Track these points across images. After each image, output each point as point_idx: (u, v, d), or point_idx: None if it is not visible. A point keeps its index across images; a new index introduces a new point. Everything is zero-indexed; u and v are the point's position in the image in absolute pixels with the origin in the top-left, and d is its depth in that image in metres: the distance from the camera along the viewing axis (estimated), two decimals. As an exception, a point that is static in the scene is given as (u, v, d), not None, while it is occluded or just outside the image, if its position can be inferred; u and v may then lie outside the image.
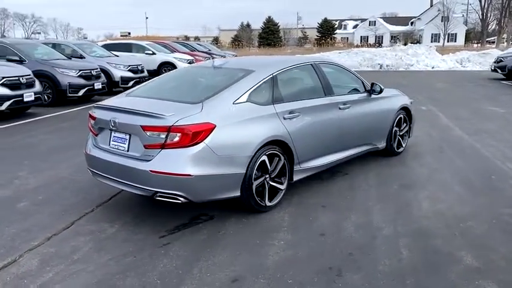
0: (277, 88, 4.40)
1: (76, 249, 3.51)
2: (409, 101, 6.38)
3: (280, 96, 4.38)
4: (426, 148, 6.68)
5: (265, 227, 3.89)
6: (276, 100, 4.31)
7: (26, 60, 10.75)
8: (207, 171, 3.66)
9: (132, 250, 3.49)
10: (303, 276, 3.08)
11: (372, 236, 3.71)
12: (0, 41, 11.17)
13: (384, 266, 3.22)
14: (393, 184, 5.02)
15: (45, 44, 12.77)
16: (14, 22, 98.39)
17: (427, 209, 4.29)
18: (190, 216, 4.11)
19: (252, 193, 4.01)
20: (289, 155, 4.38)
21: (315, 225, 3.94)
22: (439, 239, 3.64)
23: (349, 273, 3.12)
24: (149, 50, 17.32)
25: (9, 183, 5.12)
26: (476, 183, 5.06)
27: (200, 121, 3.65)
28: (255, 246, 3.54)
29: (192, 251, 3.48)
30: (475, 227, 3.87)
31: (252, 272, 3.14)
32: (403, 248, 3.49)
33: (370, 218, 4.06)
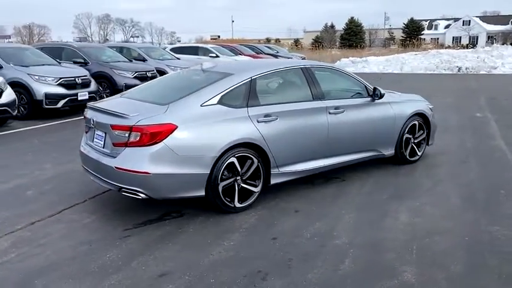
0: (255, 91, 4.45)
1: (47, 235, 3.87)
2: (427, 107, 6.04)
3: (256, 100, 4.43)
4: (449, 157, 6.27)
5: (225, 228, 3.98)
6: (251, 103, 4.37)
7: (89, 62, 11.76)
8: (166, 170, 3.84)
9: (93, 239, 3.78)
10: (228, 277, 3.14)
11: (322, 244, 3.64)
12: (70, 45, 12.35)
13: (315, 274, 3.17)
14: (385, 193, 4.83)
15: (112, 48, 13.83)
16: (114, 27, 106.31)
17: (401, 221, 4.09)
18: (162, 213, 4.31)
19: (218, 194, 4.12)
20: (265, 158, 4.41)
21: (275, 229, 3.95)
22: (391, 252, 3.48)
23: (275, 278, 3.12)
24: (213, 53, 17.95)
25: (31, 173, 5.71)
26: (479, 197, 4.69)
27: (160, 122, 3.84)
28: (204, 245, 3.65)
29: (144, 245, 3.67)
30: (440, 243, 3.63)
31: (183, 269, 3.26)
32: (348, 258, 3.40)
33: (333, 227, 3.97)
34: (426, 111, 5.97)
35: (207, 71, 4.79)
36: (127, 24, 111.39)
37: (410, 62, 24.66)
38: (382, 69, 24.27)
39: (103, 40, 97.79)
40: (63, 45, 12.96)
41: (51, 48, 12.50)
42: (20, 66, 9.63)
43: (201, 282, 3.08)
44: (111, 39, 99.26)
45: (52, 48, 12.50)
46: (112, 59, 12.61)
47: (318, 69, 5.15)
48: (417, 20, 68.51)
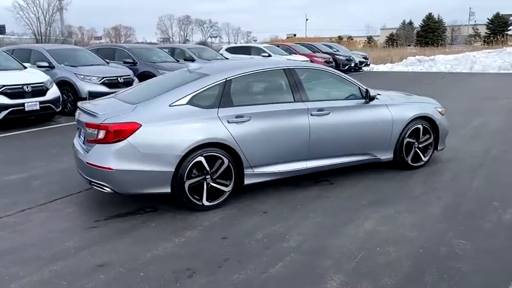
0: (228, 92, 4.52)
1: (27, 222, 4.24)
2: (434, 110, 5.70)
3: (229, 100, 4.50)
4: (460, 165, 5.88)
5: (186, 225, 4.10)
6: (223, 104, 4.44)
7: (137, 63, 12.45)
8: (129, 167, 4.04)
9: (62, 228, 4.08)
10: (157, 273, 3.26)
11: (268, 246, 3.64)
12: (122, 46, 13.16)
13: (240, 275, 3.19)
14: (366, 199, 4.67)
15: (164, 49, 14.50)
16: (193, 28, 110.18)
17: (364, 228, 3.95)
18: (137, 207, 4.53)
19: (185, 191, 4.25)
20: (237, 158, 4.47)
21: (231, 229, 4.00)
22: (330, 260, 3.39)
23: (200, 276, 3.19)
24: (265, 53, 18.10)
25: (47, 164, 6.23)
26: (464, 208, 4.39)
27: (124, 120, 4.05)
28: (155, 240, 3.80)
29: (103, 236, 3.91)
30: (390, 254, 3.48)
31: (122, 261, 3.43)
32: (282, 262, 3.37)
33: (291, 230, 3.94)
34: (433, 115, 5.65)
35: (192, 72, 4.94)
36: (205, 25, 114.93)
37: (482, 61, 23.02)
38: (450, 68, 22.92)
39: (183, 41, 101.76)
40: (116, 46, 13.82)
41: (106, 49, 13.42)
42: (69, 66, 10.45)
43: (130, 275, 3.23)
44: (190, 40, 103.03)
45: (107, 49, 13.42)
46: (161, 59, 13.22)
47: (305, 70, 5.10)
48: (504, 15, 63.45)
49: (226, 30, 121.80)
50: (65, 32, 66.21)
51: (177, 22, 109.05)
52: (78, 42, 68.25)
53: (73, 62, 10.79)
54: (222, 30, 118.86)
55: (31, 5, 66.46)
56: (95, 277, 3.20)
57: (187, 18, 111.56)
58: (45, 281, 3.17)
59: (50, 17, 68.72)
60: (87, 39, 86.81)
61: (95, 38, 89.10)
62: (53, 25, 69.67)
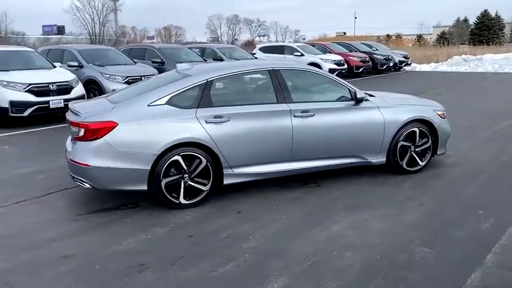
0: (209, 93, 4.60)
1: (18, 213, 4.51)
2: (432, 114, 5.50)
3: (209, 101, 4.57)
4: (461, 170, 5.66)
5: (160, 222, 4.22)
6: (203, 104, 4.52)
7: (165, 62, 12.79)
8: (105, 164, 4.21)
9: (45, 220, 4.32)
10: (112, 266, 3.39)
11: (228, 246, 3.69)
12: (152, 46, 13.59)
13: (189, 273, 3.27)
14: (346, 203, 4.61)
15: (195, 49, 14.81)
16: (241, 27, 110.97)
17: (329, 232, 3.91)
18: (121, 203, 4.70)
19: (161, 189, 4.37)
20: (216, 158, 4.54)
21: (200, 227, 4.08)
22: (281, 262, 3.40)
23: (150, 272, 3.30)
24: (298, 52, 18.01)
25: (55, 160, 6.48)
26: (444, 216, 4.24)
27: (102, 119, 4.23)
28: (124, 235, 3.94)
29: (79, 229, 4.11)
30: (344, 259, 3.43)
31: (85, 254, 3.59)
32: (233, 262, 3.42)
33: (257, 231, 3.97)
34: (430, 118, 5.45)
35: (179, 72, 5.05)
36: (253, 24, 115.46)
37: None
38: (498, 68, 21.80)
39: (231, 40, 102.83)
40: (147, 46, 14.27)
41: (138, 50, 13.89)
42: (97, 66, 10.92)
43: (86, 267, 3.39)
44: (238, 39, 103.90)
45: (138, 49, 13.89)
46: (189, 58, 13.51)
47: (292, 71, 5.08)
48: None
49: (274, 29, 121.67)
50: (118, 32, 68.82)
51: (226, 22, 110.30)
52: (130, 42, 70.69)
53: (101, 61, 11.24)
54: (270, 29, 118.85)
55: (86, 6, 69.52)
56: (54, 268, 3.38)
57: (236, 17, 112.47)
58: (10, 269, 3.38)
59: (104, 18, 71.57)
60: (140, 38, 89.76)
61: (147, 37, 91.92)
62: (107, 25, 72.54)
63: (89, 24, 71.07)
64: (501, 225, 3.93)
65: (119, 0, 69.52)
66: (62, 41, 57.39)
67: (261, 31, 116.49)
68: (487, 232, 3.83)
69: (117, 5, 70.36)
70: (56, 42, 55.66)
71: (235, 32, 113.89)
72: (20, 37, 61.74)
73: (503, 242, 3.61)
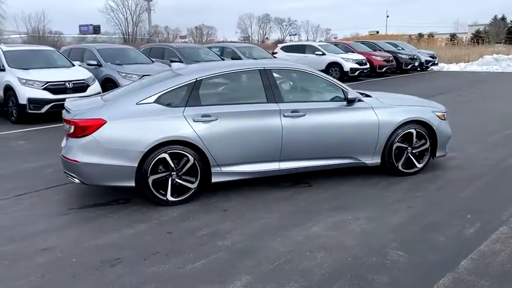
0: (197, 92, 4.65)
1: (17, 205, 4.68)
2: (431, 115, 5.37)
3: (198, 100, 4.62)
4: (463, 173, 5.51)
5: (145, 218, 4.30)
6: (191, 103, 4.58)
7: (183, 61, 12.97)
8: (94, 160, 4.33)
9: (38, 213, 4.48)
10: (87, 260, 3.48)
11: (203, 243, 3.73)
12: (170, 46, 13.78)
13: (157, 269, 3.33)
14: (332, 203, 4.57)
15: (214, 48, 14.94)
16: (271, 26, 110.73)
17: (308, 233, 3.90)
18: (113, 199, 4.82)
19: (148, 186, 4.46)
20: (204, 157, 4.59)
21: (182, 224, 4.14)
22: (252, 261, 3.42)
23: (122, 266, 3.38)
24: (319, 51, 17.87)
25: (64, 156, 6.78)
26: (430, 219, 4.15)
27: (91, 117, 4.35)
28: (108, 230, 4.04)
29: (66, 223, 4.24)
30: (315, 260, 3.42)
31: (65, 247, 3.71)
32: (204, 260, 3.46)
33: (236, 229, 3.99)
34: (428, 119, 5.32)
35: (172, 71, 5.12)
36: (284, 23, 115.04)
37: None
38: (531, 68, 20.97)
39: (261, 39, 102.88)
40: (166, 46, 14.47)
41: (157, 49, 14.15)
42: (114, 65, 11.16)
43: (63, 260, 3.49)
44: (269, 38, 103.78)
45: (157, 49, 14.14)
46: (207, 58, 13.65)
47: (285, 71, 5.08)
48: None
49: (305, 28, 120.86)
50: (151, 32, 70.15)
51: (257, 21, 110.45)
52: (162, 41, 71.84)
53: (119, 60, 11.48)
54: (300, 28, 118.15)
55: (120, 6, 71.13)
56: (33, 259, 3.51)
57: (267, 16, 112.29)
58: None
59: (137, 18, 73.01)
60: (172, 38, 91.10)
61: (180, 37, 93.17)
62: (140, 25, 74.01)
63: (122, 24, 72.86)
64: (486, 231, 3.81)
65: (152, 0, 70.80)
66: (96, 40, 59.00)
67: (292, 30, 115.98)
68: (469, 237, 3.72)
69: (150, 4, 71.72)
70: (91, 41, 57.26)
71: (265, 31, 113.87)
72: (57, 36, 63.86)
73: (482, 248, 3.50)
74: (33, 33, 60.87)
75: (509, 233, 3.75)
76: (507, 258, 3.34)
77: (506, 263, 3.27)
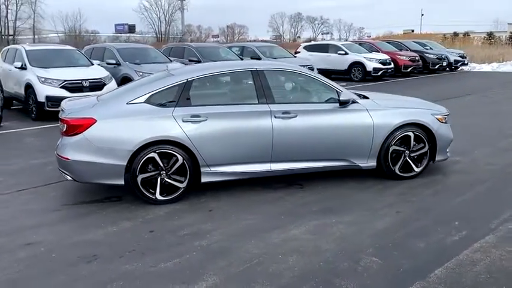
0: (188, 92, 4.69)
1: (15, 200, 4.87)
2: (429, 118, 5.22)
3: (188, 100, 4.67)
4: (465, 178, 5.36)
5: (131, 216, 4.37)
6: (181, 103, 4.63)
7: (201, 60, 13.10)
8: (84, 158, 4.44)
9: (33, 208, 4.62)
10: (66, 255, 3.57)
11: (181, 243, 3.77)
12: (189, 45, 13.94)
13: (131, 266, 3.39)
14: (320, 206, 4.53)
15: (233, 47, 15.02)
16: (303, 25, 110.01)
17: (287, 235, 3.88)
18: (107, 196, 4.93)
19: (137, 184, 4.54)
20: (194, 156, 4.63)
21: (165, 223, 4.19)
22: (224, 261, 3.43)
23: (97, 263, 3.45)
24: (342, 50, 17.65)
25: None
26: (415, 225, 4.06)
27: (81, 116, 4.47)
28: (94, 226, 4.13)
29: (57, 218, 4.37)
30: (287, 262, 3.39)
31: (49, 242, 3.82)
32: (177, 259, 3.49)
33: (218, 230, 4.01)
34: (427, 122, 5.18)
35: (167, 72, 5.18)
36: (316, 21, 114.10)
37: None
38: None
39: (293, 38, 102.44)
40: (185, 45, 14.64)
41: (177, 48, 14.36)
42: (132, 64, 11.38)
43: (44, 255, 3.60)
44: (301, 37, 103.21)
45: (178, 48, 14.36)
46: (226, 57, 13.74)
47: (278, 72, 5.06)
48: None
49: (338, 27, 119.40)
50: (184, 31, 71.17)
51: (288, 20, 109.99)
52: (194, 40, 72.76)
53: (138, 59, 11.70)
54: (333, 27, 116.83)
55: (153, 5, 72.44)
56: (14, 254, 3.62)
57: (299, 15, 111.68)
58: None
59: (170, 17, 74.15)
60: (204, 37, 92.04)
61: (212, 36, 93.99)
62: (172, 24, 75.15)
63: (155, 23, 74.22)
64: (470, 239, 3.68)
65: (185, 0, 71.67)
66: (130, 39, 60.35)
67: (324, 29, 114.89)
68: (451, 245, 3.61)
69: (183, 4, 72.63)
70: (125, 40, 58.62)
71: (297, 30, 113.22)
72: (92, 35, 65.74)
73: (461, 258, 3.39)
74: (69, 32, 62.94)
75: (493, 243, 3.61)
76: (484, 268, 3.22)
77: (482, 273, 3.16)
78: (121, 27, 71.96)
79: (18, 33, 57.33)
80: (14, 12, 55.82)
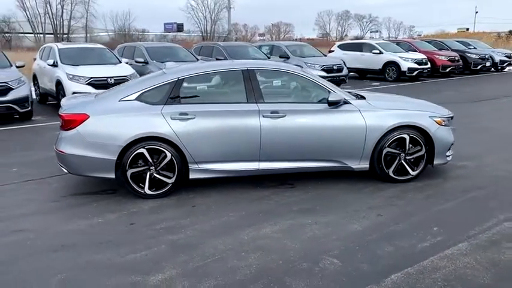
0: (178, 91, 4.81)
1: (21, 189, 5.18)
2: (427, 120, 5.08)
3: (177, 98, 4.79)
4: (465, 184, 5.16)
5: (119, 208, 4.56)
6: (171, 101, 4.76)
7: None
8: (77, 152, 4.67)
9: (34, 198, 4.90)
10: (45, 244, 3.77)
11: (155, 236, 3.90)
12: (217, 44, 14.14)
13: (103, 256, 3.56)
14: (303, 206, 4.53)
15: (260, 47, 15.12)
16: (349, 23, 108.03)
17: (256, 233, 3.92)
18: (103, 189, 5.15)
19: (127, 179, 4.72)
20: (182, 153, 4.75)
21: (147, 217, 4.34)
22: (186, 256, 3.52)
23: (72, 251, 3.64)
24: (376, 49, 17.29)
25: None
26: (390, 230, 3.97)
27: (75, 112, 4.70)
28: (81, 217, 4.34)
29: (51, 209, 4.62)
30: (247, 259, 3.44)
31: (36, 230, 4.05)
32: (147, 251, 3.62)
33: (192, 225, 4.11)
34: (423, 125, 5.04)
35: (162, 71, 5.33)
36: (364, 19, 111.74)
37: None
38: None
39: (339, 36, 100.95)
40: (214, 44, 14.86)
41: (207, 47, 14.64)
42: (159, 62, 11.68)
43: (31, 242, 3.81)
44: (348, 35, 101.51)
45: (207, 47, 14.63)
46: (253, 56, 13.84)
47: (268, 72, 5.10)
48: None
49: (387, 25, 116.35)
50: (230, 30, 71.99)
51: (336, 17, 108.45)
52: (239, 39, 73.35)
53: (165, 58, 12.02)
54: (382, 25, 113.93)
55: (200, 4, 73.61)
56: (4, 238, 3.89)
57: (347, 13, 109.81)
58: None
59: (215, 16, 75.10)
60: (250, 35, 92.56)
61: (258, 34, 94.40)
62: (218, 23, 76.08)
63: (201, 22, 75.42)
64: (441, 246, 3.58)
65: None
66: (176, 38, 61.78)
67: (372, 27, 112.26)
68: (420, 251, 3.52)
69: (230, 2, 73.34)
70: (171, 39, 60.04)
71: (344, 28, 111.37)
72: (141, 34, 67.76)
73: (425, 263, 3.30)
74: (119, 31, 65.18)
75: (465, 250, 3.49)
76: (443, 275, 3.13)
77: (439, 281, 3.07)
78: (170, 26, 73.62)
79: (72, 31, 60.02)
80: (69, 12, 58.50)
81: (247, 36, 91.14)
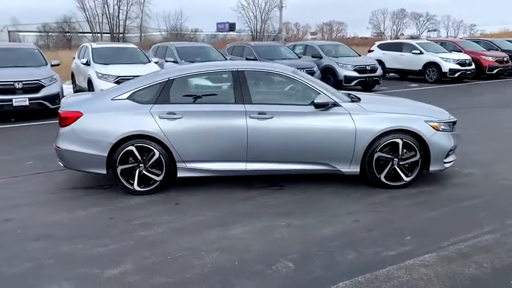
0: (168, 90, 4.92)
1: (27, 181, 5.50)
2: (421, 124, 4.88)
3: (167, 98, 4.90)
4: (461, 192, 4.94)
5: (107, 203, 4.73)
6: (160, 101, 4.88)
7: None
8: (71, 148, 4.90)
9: (35, 190, 5.20)
10: (26, 233, 4.01)
11: (129, 231, 4.03)
12: (248, 44, 14.27)
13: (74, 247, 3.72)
14: (283, 208, 4.51)
15: (295, 46, 15.15)
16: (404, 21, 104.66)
17: (225, 233, 3.95)
18: (100, 183, 5.37)
19: (117, 175, 4.90)
20: (170, 152, 4.87)
21: (128, 212, 4.48)
22: (146, 252, 3.61)
23: (47, 242, 3.84)
24: (416, 49, 16.69)
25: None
26: (360, 236, 3.88)
27: (71, 109, 4.93)
28: (69, 210, 4.55)
29: (47, 201, 4.87)
30: (204, 258, 3.48)
31: (24, 220, 4.30)
32: (116, 245, 3.75)
33: (168, 223, 4.20)
34: (417, 129, 4.85)
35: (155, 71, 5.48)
36: (421, 18, 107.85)
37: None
38: None
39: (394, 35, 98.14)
40: (245, 44, 14.99)
41: (238, 47, 14.99)
42: (188, 62, 11.93)
43: (13, 231, 4.07)
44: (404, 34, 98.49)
45: (239, 47, 14.91)
46: (284, 55, 13.86)
47: (258, 73, 5.11)
48: None
49: (446, 24, 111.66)
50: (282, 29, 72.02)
51: (391, 16, 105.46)
52: (288, 38, 73.19)
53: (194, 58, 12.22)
54: (440, 24, 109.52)
55: (251, 4, 74.12)
56: (-10, 226, 4.18)
57: (402, 11, 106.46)
58: (-37, 223, 4.27)
59: (266, 15, 75.33)
60: (302, 34, 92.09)
61: (310, 33, 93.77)
62: (268, 22, 76.25)
63: (251, 22, 75.96)
64: (406, 256, 3.45)
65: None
66: (226, 38, 62.64)
67: (430, 26, 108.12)
68: (381, 259, 3.41)
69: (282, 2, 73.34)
70: (222, 38, 60.91)
71: (399, 27, 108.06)
72: (193, 33, 69.28)
73: (379, 273, 3.20)
74: (171, 30, 67.00)
75: (428, 261, 3.34)
76: (394, 286, 3.02)
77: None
78: (222, 25, 74.69)
79: (127, 31, 62.37)
80: (125, 12, 60.84)
81: (298, 35, 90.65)
